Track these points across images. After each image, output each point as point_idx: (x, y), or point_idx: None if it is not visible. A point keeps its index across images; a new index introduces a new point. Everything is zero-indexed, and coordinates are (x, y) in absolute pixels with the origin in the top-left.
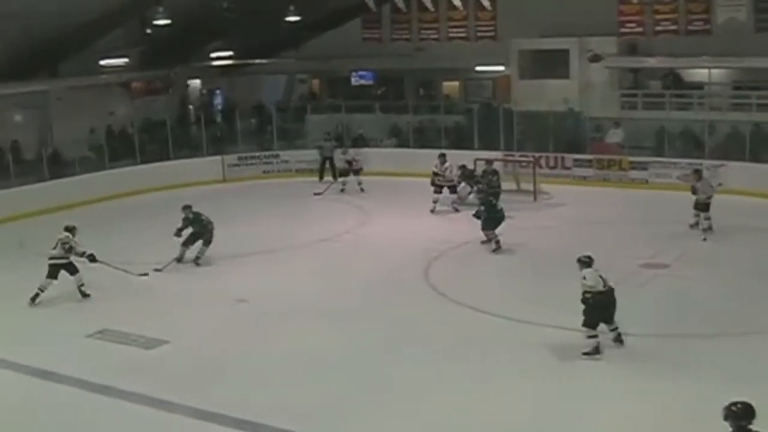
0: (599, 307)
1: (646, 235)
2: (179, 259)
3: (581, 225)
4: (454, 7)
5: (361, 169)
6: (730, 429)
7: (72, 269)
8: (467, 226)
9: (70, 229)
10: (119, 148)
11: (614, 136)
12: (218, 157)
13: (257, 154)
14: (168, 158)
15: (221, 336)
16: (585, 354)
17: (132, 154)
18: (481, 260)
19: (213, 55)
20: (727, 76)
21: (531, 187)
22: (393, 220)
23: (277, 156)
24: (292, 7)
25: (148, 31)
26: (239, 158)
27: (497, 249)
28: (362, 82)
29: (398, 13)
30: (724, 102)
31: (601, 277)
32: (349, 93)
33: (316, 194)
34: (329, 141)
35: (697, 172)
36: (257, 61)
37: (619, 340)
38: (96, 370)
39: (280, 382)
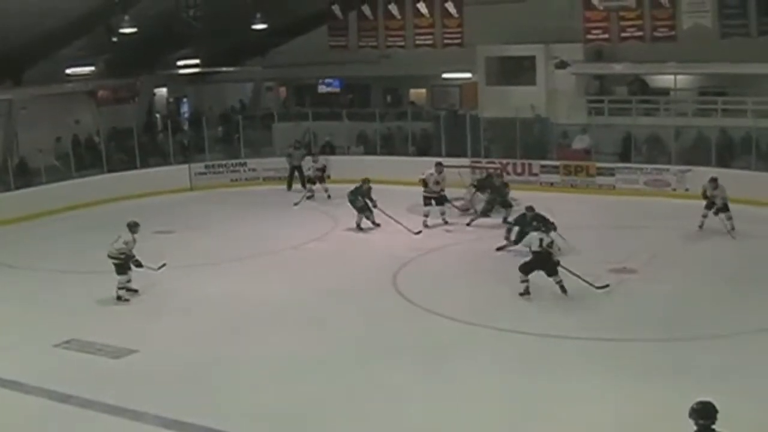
0: (532, 261)
1: (614, 241)
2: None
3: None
4: (421, 15)
5: (328, 176)
6: (694, 427)
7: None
8: (435, 233)
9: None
10: (86, 157)
11: (581, 142)
12: (185, 166)
13: (224, 162)
14: (135, 167)
15: (191, 344)
16: (519, 294)
17: (99, 162)
18: (450, 267)
19: (179, 63)
20: (692, 82)
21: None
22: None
23: (244, 164)
24: (258, 15)
25: (114, 39)
26: (206, 166)
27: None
28: (329, 89)
29: (365, 21)
30: (689, 108)
31: (541, 240)
32: (316, 100)
33: (295, 204)
34: (298, 149)
35: (714, 181)
36: (224, 69)
37: (562, 289)
38: (63, 380)
39: (253, 389)
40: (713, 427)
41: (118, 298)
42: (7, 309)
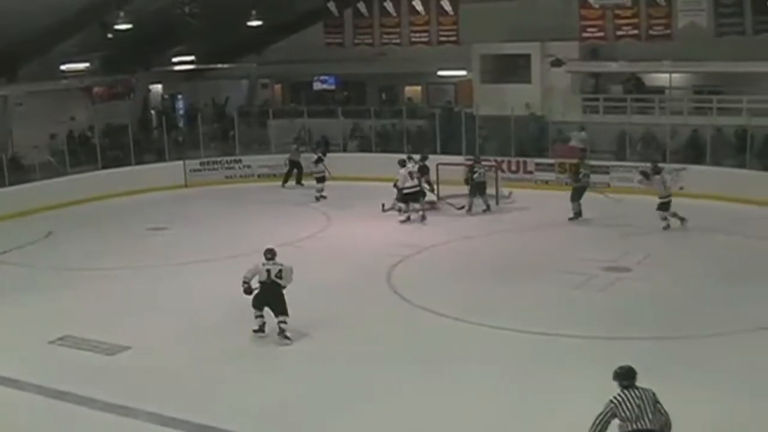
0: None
1: (608, 239)
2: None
3: (543, 229)
4: (417, 12)
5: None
6: (618, 389)
7: None
8: (430, 230)
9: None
10: (80, 154)
11: (578, 139)
12: (180, 162)
13: (219, 159)
14: (130, 163)
15: (185, 341)
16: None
17: (93, 159)
18: (444, 264)
19: (175, 59)
20: (687, 81)
21: (493, 192)
22: (356, 225)
23: (239, 161)
24: (254, 12)
25: (109, 35)
26: (201, 163)
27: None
28: (325, 87)
29: (360, 18)
30: (684, 106)
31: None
32: (312, 98)
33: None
34: (297, 146)
35: (654, 166)
36: (219, 65)
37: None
38: (58, 377)
39: (244, 386)
40: (637, 384)
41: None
42: (1, 305)
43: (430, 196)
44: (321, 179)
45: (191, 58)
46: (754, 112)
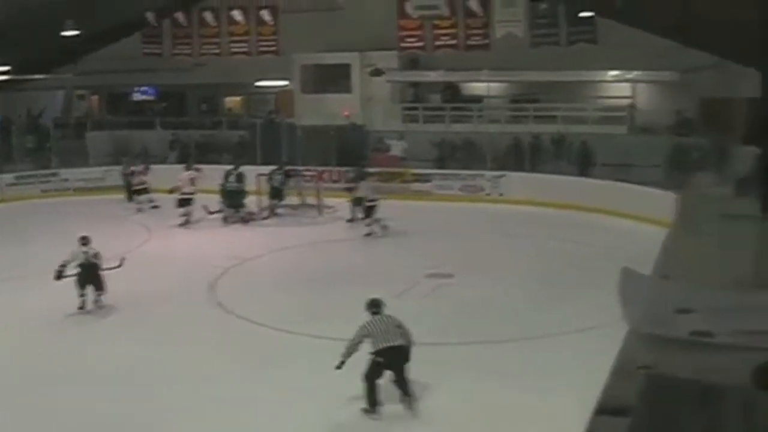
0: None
1: (430, 246)
2: None
3: (364, 237)
4: (236, 22)
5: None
6: (370, 317)
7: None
8: (252, 241)
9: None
10: None
11: (396, 148)
12: None
13: (35, 172)
14: None
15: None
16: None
17: None
18: (268, 275)
19: None
20: (505, 90)
21: (315, 202)
22: (178, 236)
23: (56, 174)
24: (69, 21)
25: None
26: (16, 177)
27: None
28: (145, 97)
29: (179, 28)
30: (502, 114)
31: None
32: (130, 109)
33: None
34: (128, 159)
35: (360, 173)
36: (34, 76)
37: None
38: None
39: (77, 402)
40: (381, 311)
41: None
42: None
43: (250, 207)
44: (142, 191)
45: (5, 68)
46: (569, 120)
